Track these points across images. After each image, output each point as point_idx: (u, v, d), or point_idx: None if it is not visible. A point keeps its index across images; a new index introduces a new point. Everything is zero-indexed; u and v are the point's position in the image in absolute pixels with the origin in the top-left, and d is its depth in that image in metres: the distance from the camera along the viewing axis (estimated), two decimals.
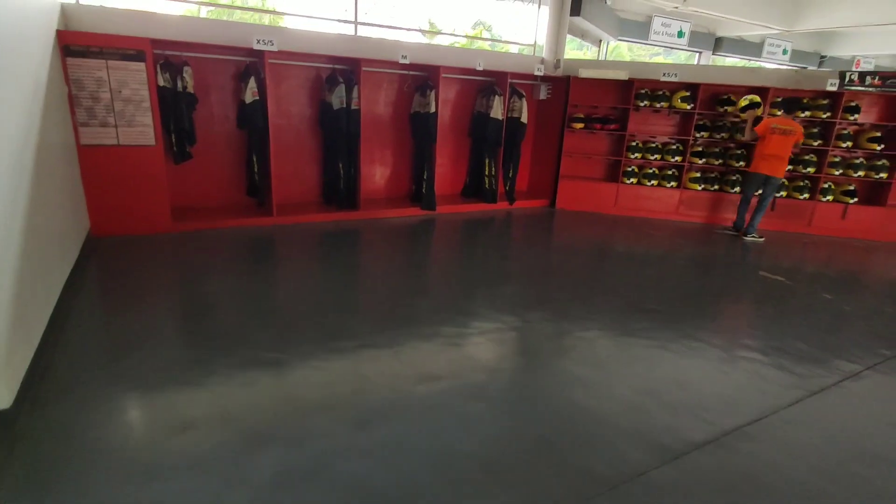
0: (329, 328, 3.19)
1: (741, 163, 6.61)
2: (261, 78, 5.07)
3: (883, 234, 6.41)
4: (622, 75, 6.59)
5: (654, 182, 6.84)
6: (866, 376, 3.03)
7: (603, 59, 10.69)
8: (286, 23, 9.35)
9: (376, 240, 5.40)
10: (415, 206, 6.33)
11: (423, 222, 6.11)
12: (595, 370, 2.88)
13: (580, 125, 6.90)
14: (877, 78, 6.11)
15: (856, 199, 6.43)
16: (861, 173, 6.39)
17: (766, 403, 2.65)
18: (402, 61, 5.71)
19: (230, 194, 5.59)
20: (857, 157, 6.43)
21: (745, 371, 3.00)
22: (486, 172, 6.69)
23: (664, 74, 6.50)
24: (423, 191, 6.30)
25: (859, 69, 6.65)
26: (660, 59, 15.23)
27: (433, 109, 5.94)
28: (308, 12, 8.42)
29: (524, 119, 6.62)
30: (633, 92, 6.61)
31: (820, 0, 9.57)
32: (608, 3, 8.11)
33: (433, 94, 5.90)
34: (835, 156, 6.45)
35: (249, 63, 5.20)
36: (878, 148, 6.29)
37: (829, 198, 6.51)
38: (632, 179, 6.89)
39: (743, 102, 6.18)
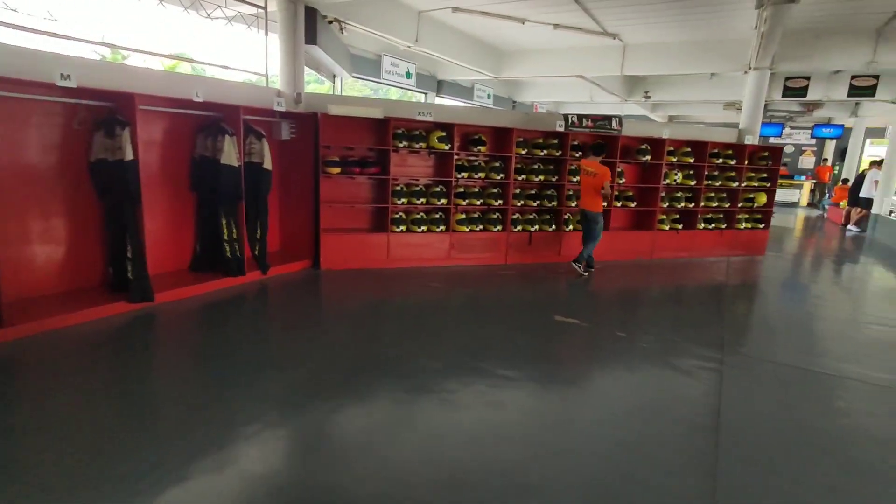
0: None
1: (499, 201, 6.65)
2: None
3: (611, 254, 7.29)
4: (376, 113, 5.86)
5: (424, 228, 6.32)
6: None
7: (338, 95, 10.01)
8: None
9: (44, 374, 3.21)
10: (118, 298, 4.23)
11: (134, 322, 4.09)
12: None
13: (336, 170, 5.88)
14: (589, 120, 6.94)
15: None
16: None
17: None
18: (62, 84, 3.68)
19: None
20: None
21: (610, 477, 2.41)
22: (225, 236, 5.01)
23: (419, 113, 6.05)
24: (129, 274, 4.26)
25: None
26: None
27: (129, 155, 4.04)
28: None
29: (268, 164, 5.24)
30: (391, 131, 5.96)
31: (514, 53, 10.98)
32: (344, 34, 7.41)
33: (126, 133, 4.02)
34: (569, 189, 7.08)
35: None
36: None
37: (571, 227, 7.11)
38: (401, 227, 6.21)
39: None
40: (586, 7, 7.51)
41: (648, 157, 7.38)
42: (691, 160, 7.69)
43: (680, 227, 7.81)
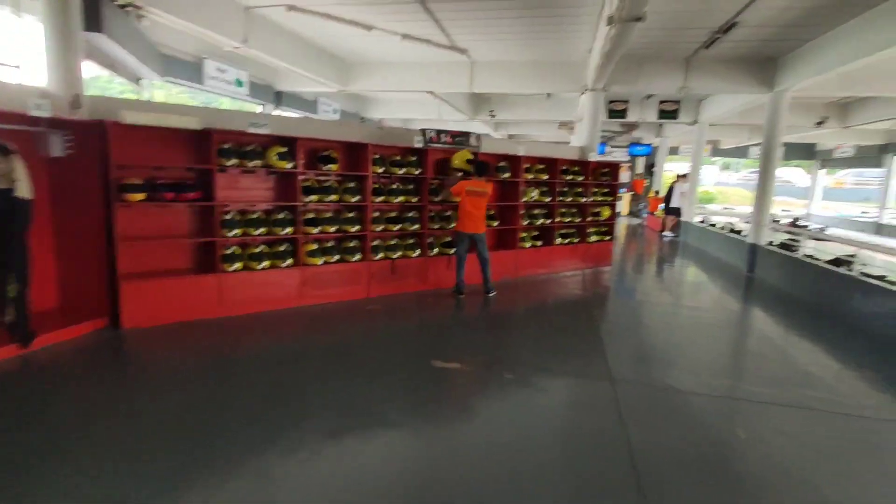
0: None
1: (357, 227, 5.81)
2: None
3: (478, 276, 6.90)
4: (192, 123, 4.62)
5: (266, 263, 5.19)
6: None
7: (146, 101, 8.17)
8: None
9: None
10: None
11: None
12: None
13: (139, 195, 4.48)
14: (448, 136, 6.48)
15: (455, 250, 6.72)
16: (453, 224, 6.70)
17: None
18: None
19: None
20: (447, 211, 6.73)
21: None
22: None
23: (252, 125, 4.94)
24: None
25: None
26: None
27: None
28: None
29: (23, 191, 3.70)
30: (214, 147, 4.76)
31: (361, 65, 10.27)
32: (144, 23, 5.90)
33: None
34: (431, 211, 6.53)
35: None
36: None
37: (436, 251, 6.56)
38: (236, 265, 5.00)
39: (457, 161, 6.49)
40: (436, 17, 7.12)
41: (508, 175, 7.20)
42: (545, 177, 7.74)
43: (540, 243, 7.80)
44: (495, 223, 7.23)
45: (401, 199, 6.18)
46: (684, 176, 14.06)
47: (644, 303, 6.66)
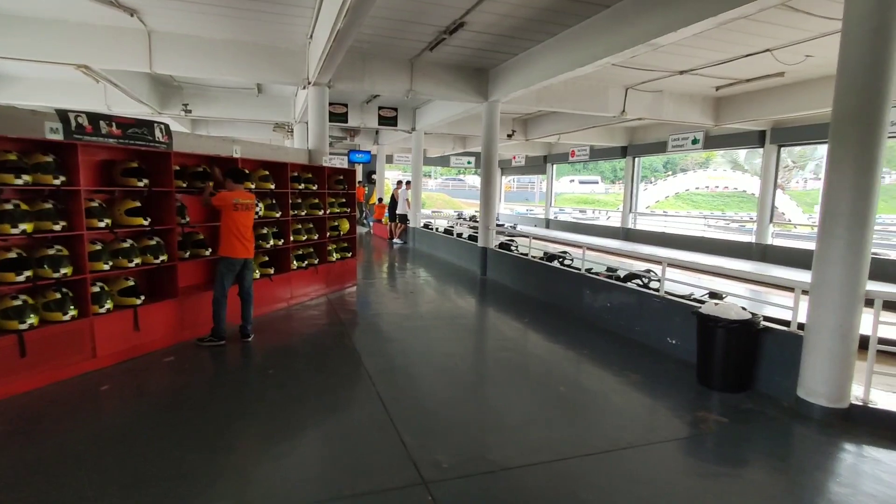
0: None
1: (24, 274, 3.06)
2: None
3: (184, 331, 4.81)
4: None
5: None
6: None
7: None
8: None
9: None
10: None
11: None
12: None
13: None
14: (114, 125, 4.19)
15: (143, 298, 4.46)
16: (138, 260, 4.43)
17: None
18: None
19: None
20: (125, 240, 4.41)
21: None
22: None
23: None
24: None
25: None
26: None
27: None
28: None
29: None
30: None
31: None
32: None
33: None
34: (93, 241, 4.14)
35: None
36: (146, 222, 4.51)
37: (109, 305, 4.19)
38: None
39: None
40: None
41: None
42: (272, 186, 6.08)
43: (272, 271, 6.10)
44: (206, 252, 5.20)
45: (26, 227, 3.64)
46: (407, 182, 14.22)
47: (410, 330, 5.71)
